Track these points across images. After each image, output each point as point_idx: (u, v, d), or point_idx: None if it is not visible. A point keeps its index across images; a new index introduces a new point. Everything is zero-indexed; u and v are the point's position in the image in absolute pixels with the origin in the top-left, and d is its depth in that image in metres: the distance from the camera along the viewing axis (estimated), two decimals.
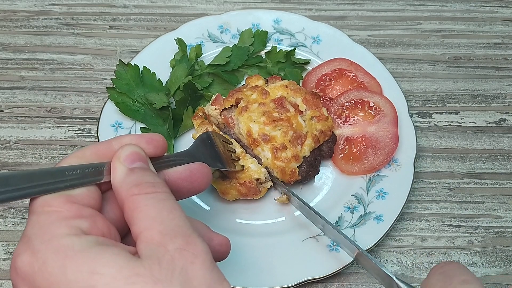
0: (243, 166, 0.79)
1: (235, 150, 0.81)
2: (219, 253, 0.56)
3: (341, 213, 0.82)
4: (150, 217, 0.46)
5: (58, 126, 0.93)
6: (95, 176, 0.50)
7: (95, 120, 0.93)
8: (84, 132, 0.93)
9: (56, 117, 0.94)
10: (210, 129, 0.82)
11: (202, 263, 0.44)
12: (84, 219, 0.46)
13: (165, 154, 0.57)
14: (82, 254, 0.42)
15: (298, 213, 0.82)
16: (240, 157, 0.80)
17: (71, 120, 0.94)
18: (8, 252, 0.81)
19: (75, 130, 0.93)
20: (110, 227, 0.48)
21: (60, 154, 0.90)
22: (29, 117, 0.94)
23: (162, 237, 0.44)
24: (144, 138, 0.54)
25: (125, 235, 0.52)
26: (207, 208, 0.83)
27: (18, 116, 0.94)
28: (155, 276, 0.42)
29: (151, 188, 0.48)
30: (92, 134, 0.92)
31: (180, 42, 0.95)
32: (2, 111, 0.94)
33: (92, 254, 0.43)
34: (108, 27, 1.06)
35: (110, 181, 0.50)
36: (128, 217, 0.47)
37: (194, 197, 0.84)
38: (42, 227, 0.45)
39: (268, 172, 0.81)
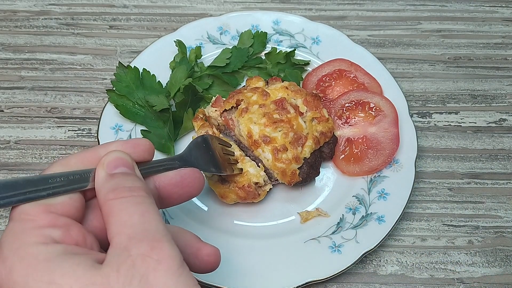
0: (241, 169, 0.79)
1: (233, 152, 0.80)
2: (208, 264, 0.55)
3: (342, 214, 0.82)
4: (121, 222, 0.45)
5: (58, 126, 0.93)
6: (80, 183, 0.49)
7: (95, 120, 0.93)
8: (84, 132, 0.92)
9: (56, 117, 0.94)
10: (210, 131, 0.82)
11: (166, 270, 0.42)
12: (57, 228, 0.45)
13: (159, 158, 0.56)
14: (45, 263, 0.42)
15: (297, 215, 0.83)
16: (238, 161, 0.80)
17: (71, 120, 0.94)
18: None
19: (75, 130, 0.93)
20: (87, 236, 0.47)
21: (60, 154, 0.90)
22: (29, 117, 0.94)
23: (128, 241, 0.43)
24: (129, 144, 0.53)
25: None
26: (205, 208, 0.83)
27: (18, 116, 0.94)
28: (111, 284, 0.41)
29: (126, 192, 0.47)
30: (92, 134, 0.92)
31: (179, 44, 0.94)
32: (2, 111, 0.94)
33: (53, 264, 0.42)
34: (108, 27, 1.06)
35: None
36: (105, 223, 0.46)
37: (195, 200, 0.84)
38: (13, 235, 0.44)
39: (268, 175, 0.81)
